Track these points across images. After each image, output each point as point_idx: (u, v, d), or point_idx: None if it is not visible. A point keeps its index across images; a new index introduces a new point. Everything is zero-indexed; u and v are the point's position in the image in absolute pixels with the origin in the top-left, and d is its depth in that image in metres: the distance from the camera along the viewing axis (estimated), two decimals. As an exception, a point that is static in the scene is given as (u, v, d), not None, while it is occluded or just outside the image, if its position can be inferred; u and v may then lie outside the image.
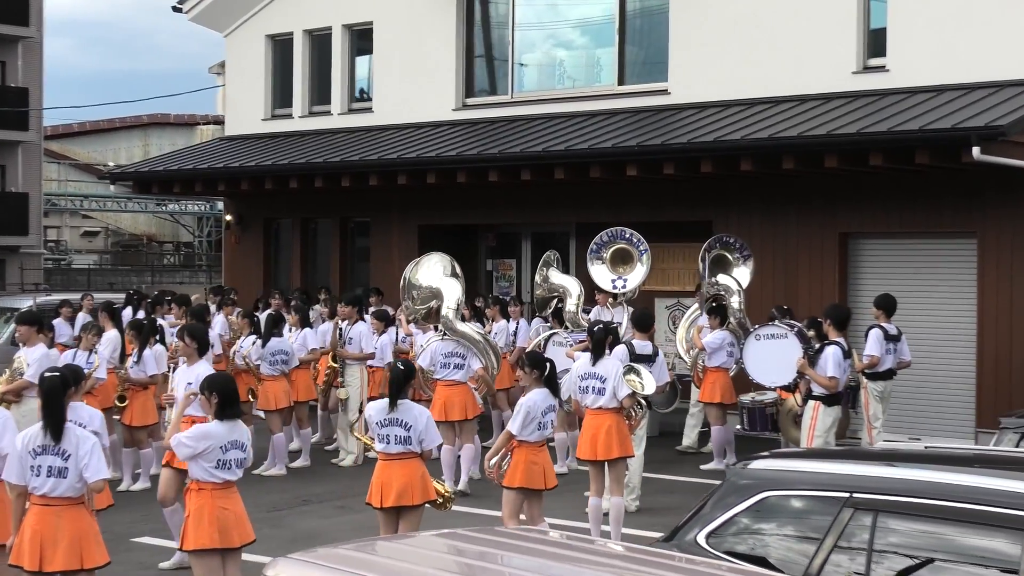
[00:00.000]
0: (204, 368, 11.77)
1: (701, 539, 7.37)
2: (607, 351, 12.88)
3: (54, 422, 8.71)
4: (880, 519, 6.88)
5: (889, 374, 16.32)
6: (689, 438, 18.36)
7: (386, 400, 11.00)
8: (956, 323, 18.69)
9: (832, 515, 7.03)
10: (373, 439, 11.12)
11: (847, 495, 7.06)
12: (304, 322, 18.35)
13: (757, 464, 7.71)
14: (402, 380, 11.07)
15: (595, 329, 12.92)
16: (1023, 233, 17.94)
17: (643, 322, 14.61)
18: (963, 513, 6.67)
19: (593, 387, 12.64)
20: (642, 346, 14.27)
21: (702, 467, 17.16)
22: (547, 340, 16.28)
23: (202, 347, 12.11)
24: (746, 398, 16.73)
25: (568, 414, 15.76)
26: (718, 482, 7.82)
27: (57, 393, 8.84)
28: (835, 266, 19.63)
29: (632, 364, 13.25)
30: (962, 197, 18.40)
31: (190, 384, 11.18)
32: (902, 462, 7.52)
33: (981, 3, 18.53)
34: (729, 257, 18.33)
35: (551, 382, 11.61)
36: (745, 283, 18.13)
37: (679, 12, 21.43)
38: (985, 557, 6.58)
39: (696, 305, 18.73)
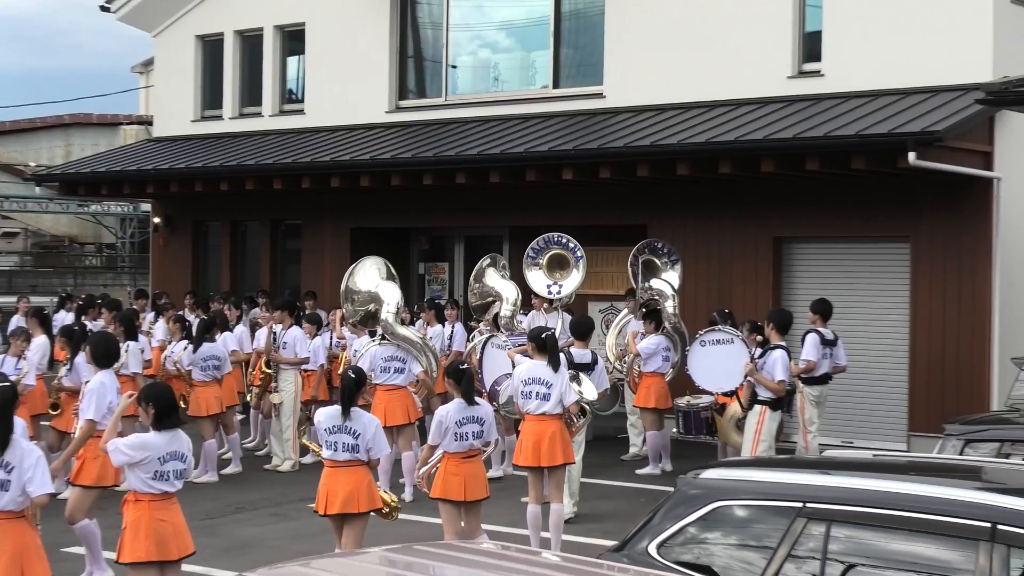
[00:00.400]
0: (103, 378, 11.66)
1: (652, 549, 7.28)
2: (556, 356, 12.76)
3: (3, 433, 8.44)
4: (833, 529, 6.83)
5: (825, 379, 16.38)
6: (636, 446, 18.27)
7: (337, 407, 10.89)
8: (889, 327, 18.79)
9: (785, 525, 6.97)
10: (320, 446, 10.98)
11: (800, 505, 6.99)
12: (225, 326, 18.26)
13: (709, 474, 7.63)
14: (354, 388, 10.98)
15: (543, 335, 12.79)
16: (956, 238, 18.06)
17: (582, 330, 14.52)
18: (916, 523, 6.63)
19: (538, 392, 12.51)
20: (581, 354, 14.18)
21: (637, 472, 17.11)
22: (485, 343, 16.15)
23: (101, 356, 11.88)
24: (681, 401, 16.70)
25: (505, 419, 15.66)
26: (654, 487, 7.74)
27: (9, 404, 8.55)
28: (769, 270, 19.67)
29: (573, 372, 13.18)
30: (896, 202, 18.49)
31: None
32: (855, 472, 7.46)
33: (915, 9, 18.63)
34: (657, 262, 18.29)
35: (469, 393, 11.42)
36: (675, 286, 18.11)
37: (614, 15, 21.40)
38: (939, 567, 6.54)
39: (626, 311, 18.68)
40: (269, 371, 17.52)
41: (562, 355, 13.17)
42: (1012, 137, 18.29)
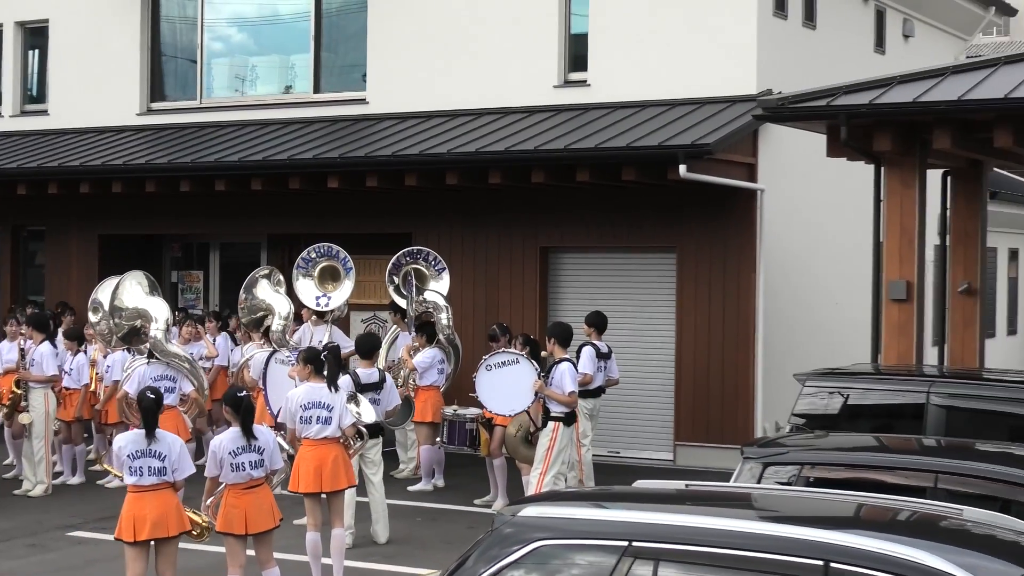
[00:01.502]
0: None
1: (468, 595, 6.92)
2: (335, 377, 12.30)
3: None
4: (661, 568, 6.61)
5: (599, 392, 16.34)
6: (405, 462, 17.83)
7: (138, 431, 10.43)
8: (656, 337, 18.90)
9: (611, 565, 6.71)
10: (121, 471, 10.51)
11: (626, 543, 6.74)
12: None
13: (528, 511, 7.29)
14: (155, 409, 10.52)
15: (323, 356, 12.31)
16: (720, 248, 18.28)
17: (367, 349, 14.09)
18: (747, 562, 6.45)
19: (319, 416, 12.04)
20: (368, 374, 13.76)
21: (410, 488, 16.72)
22: (269, 359, 15.56)
23: None
24: (448, 411, 16.42)
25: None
26: (429, 504, 7.39)
27: None
28: (536, 280, 19.56)
29: (353, 392, 12.76)
30: (662, 212, 18.60)
31: None
32: (682, 507, 7.27)
33: (680, 21, 18.80)
34: (425, 271, 17.93)
35: (247, 424, 10.83)
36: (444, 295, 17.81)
37: (377, 20, 21.00)
38: (769, 606, 6.38)
39: (395, 327, 18.24)
40: (19, 390, 16.53)
41: (347, 377, 12.77)
42: (774, 149, 18.61)
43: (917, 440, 10.11)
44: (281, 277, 17.23)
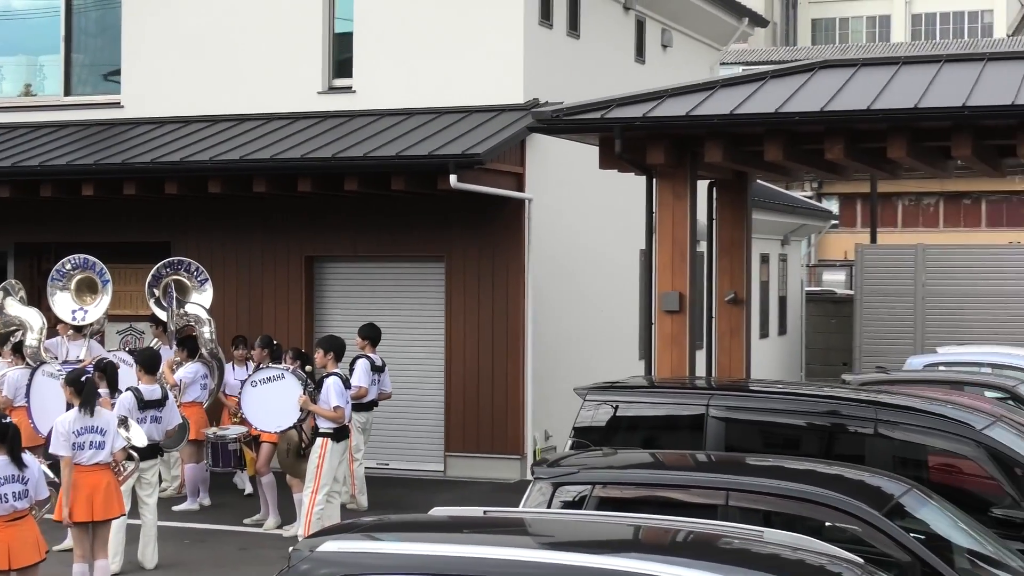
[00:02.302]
0: None
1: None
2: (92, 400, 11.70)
3: None
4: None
5: (372, 405, 16.11)
6: (167, 481, 17.17)
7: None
8: (426, 347, 18.70)
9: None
10: None
11: (429, 579, 6.53)
12: None
13: (328, 546, 6.99)
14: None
15: (82, 379, 11.70)
16: (489, 257, 18.19)
17: (150, 364, 13.50)
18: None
19: (92, 442, 11.45)
20: (150, 391, 13.18)
21: (175, 508, 16.12)
22: (33, 374, 14.78)
23: None
24: (209, 432, 15.92)
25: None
26: (196, 524, 7.07)
27: None
28: (301, 290, 19.14)
29: (123, 416, 12.18)
30: (431, 221, 18.41)
31: None
32: (481, 536, 7.09)
33: (446, 29, 18.67)
34: (187, 283, 17.34)
35: (15, 451, 10.19)
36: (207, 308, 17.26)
37: (132, 19, 20.27)
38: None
39: (156, 340, 17.58)
40: None
41: (129, 395, 12.21)
42: (542, 159, 18.62)
43: (707, 456, 10.16)
44: (21, 287, 16.46)
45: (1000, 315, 26.22)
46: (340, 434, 13.90)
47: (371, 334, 16.08)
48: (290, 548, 7.28)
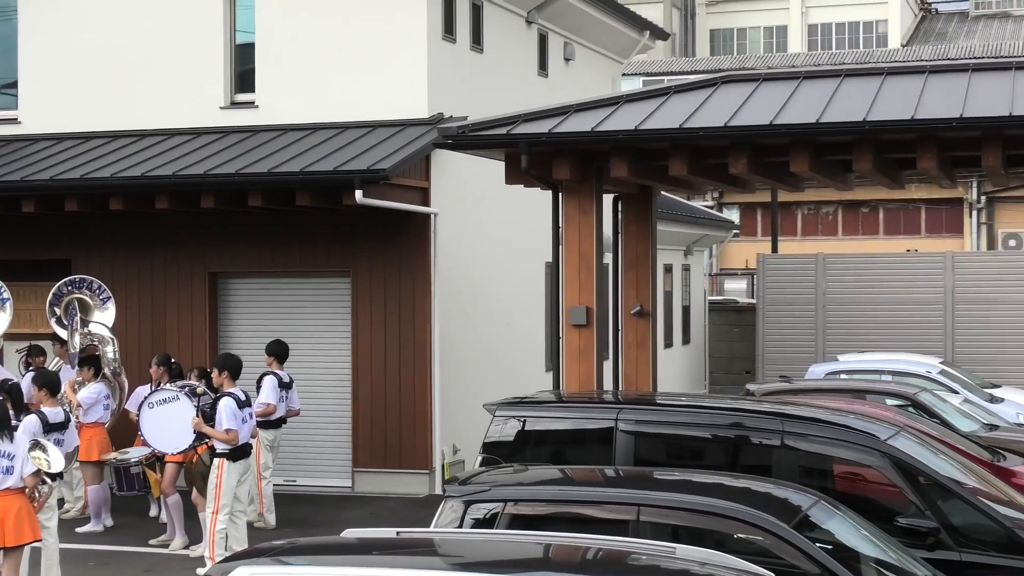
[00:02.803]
0: None
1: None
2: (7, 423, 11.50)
3: None
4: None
5: (280, 422, 16.00)
6: (70, 502, 16.89)
7: None
8: (332, 363, 18.61)
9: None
10: None
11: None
12: None
13: (241, 571, 6.94)
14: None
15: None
16: (395, 272, 18.15)
17: (53, 386, 13.29)
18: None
19: (1, 467, 11.24)
20: (54, 413, 12.98)
21: (78, 530, 15.87)
22: None
23: None
24: (110, 457, 15.72)
25: None
26: (101, 546, 7.01)
27: None
28: (205, 307, 18.95)
29: (37, 439, 11.96)
30: (336, 236, 18.34)
31: None
32: (392, 559, 7.09)
33: (349, 44, 18.61)
34: (89, 301, 17.11)
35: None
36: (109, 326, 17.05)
37: (29, 34, 19.99)
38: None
39: (58, 359, 17.31)
40: None
41: (34, 418, 12.01)
42: (447, 173, 18.62)
43: (617, 471, 10.21)
44: None
45: (899, 322, 26.69)
46: (237, 454, 13.71)
47: (278, 351, 15.97)
48: (198, 570, 7.22)
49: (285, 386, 15.96)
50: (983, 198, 39.08)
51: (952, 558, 9.71)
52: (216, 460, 13.72)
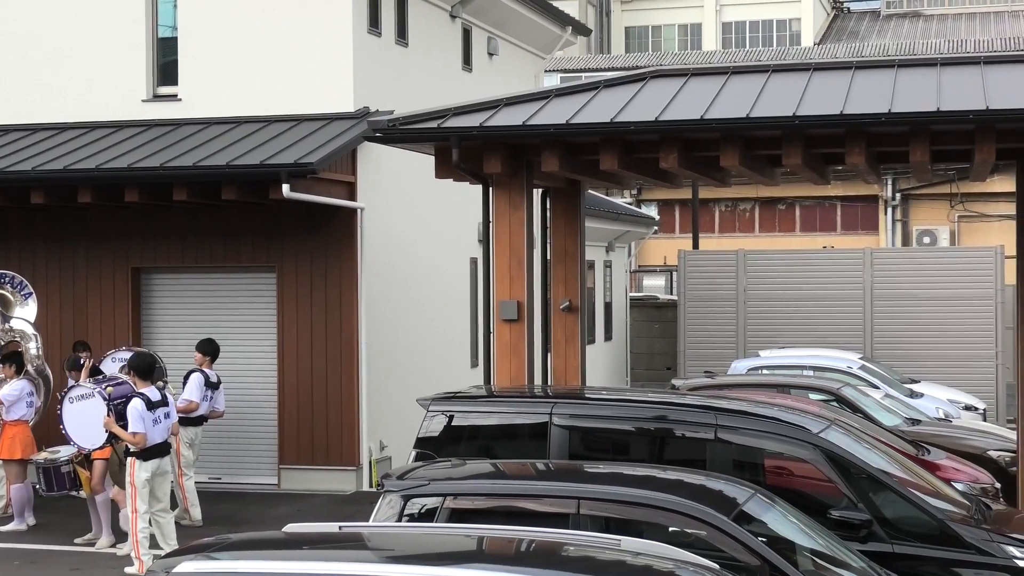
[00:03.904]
0: None
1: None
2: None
3: None
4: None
5: (201, 420, 15.86)
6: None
7: None
8: (258, 358, 18.45)
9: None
10: None
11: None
12: None
13: (185, 567, 6.84)
14: None
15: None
16: (321, 267, 18.03)
17: None
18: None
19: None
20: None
21: (1, 529, 15.62)
22: None
23: None
24: (39, 457, 15.45)
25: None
26: (25, 545, 6.91)
27: None
28: (127, 302, 18.71)
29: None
30: (261, 231, 18.19)
31: None
32: (336, 552, 7.05)
33: (274, 37, 18.48)
34: (10, 297, 16.85)
35: None
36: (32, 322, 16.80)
37: (-55, 25, 19.61)
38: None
39: None
40: None
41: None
42: (373, 167, 18.53)
43: (549, 465, 10.21)
44: None
45: (819, 318, 26.96)
46: (148, 453, 13.47)
47: (209, 349, 15.83)
48: (127, 569, 7.11)
49: (212, 386, 15.80)
50: (898, 195, 39.57)
51: (885, 550, 9.82)
52: (128, 459, 13.56)
